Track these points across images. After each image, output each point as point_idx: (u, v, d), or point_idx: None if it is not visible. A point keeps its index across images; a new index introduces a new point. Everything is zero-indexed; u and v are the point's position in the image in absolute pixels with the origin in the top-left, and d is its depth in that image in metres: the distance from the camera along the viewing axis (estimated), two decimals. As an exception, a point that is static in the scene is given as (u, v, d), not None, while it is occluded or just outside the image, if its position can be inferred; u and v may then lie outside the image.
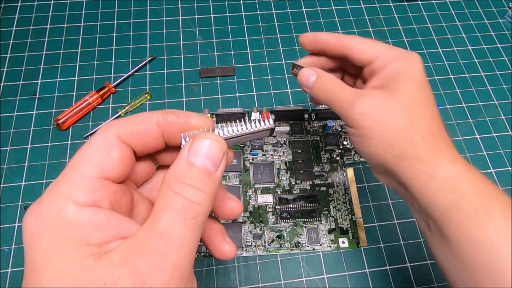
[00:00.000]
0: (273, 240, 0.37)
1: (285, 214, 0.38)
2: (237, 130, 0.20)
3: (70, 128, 0.43)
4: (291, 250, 0.37)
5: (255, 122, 0.20)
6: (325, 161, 0.42)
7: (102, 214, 0.16)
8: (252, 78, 0.47)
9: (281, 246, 0.37)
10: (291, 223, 0.38)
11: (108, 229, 0.16)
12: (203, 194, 0.17)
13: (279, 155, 0.42)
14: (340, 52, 0.28)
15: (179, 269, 0.15)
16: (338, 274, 0.36)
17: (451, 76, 0.48)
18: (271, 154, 0.42)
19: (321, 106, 0.44)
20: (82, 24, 0.50)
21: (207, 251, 0.36)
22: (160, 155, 0.21)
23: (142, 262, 0.15)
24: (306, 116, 0.44)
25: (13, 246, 0.37)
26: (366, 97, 0.25)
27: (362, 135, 0.24)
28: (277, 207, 0.38)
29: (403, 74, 0.25)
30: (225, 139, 0.19)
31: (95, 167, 0.17)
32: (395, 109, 0.24)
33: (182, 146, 0.18)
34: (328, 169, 0.41)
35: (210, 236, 0.21)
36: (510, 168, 0.42)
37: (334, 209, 0.39)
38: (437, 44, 0.51)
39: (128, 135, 0.18)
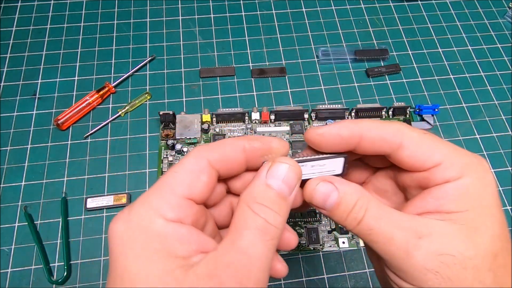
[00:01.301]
0: (273, 240, 0.37)
1: (285, 214, 0.38)
2: (311, 156, 0.20)
3: (70, 128, 0.43)
4: (291, 250, 0.37)
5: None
6: (325, 161, 0.42)
7: (185, 229, 0.17)
8: (252, 78, 0.47)
9: (281, 246, 0.37)
10: (291, 223, 0.38)
11: (189, 243, 0.17)
12: (279, 218, 0.18)
13: (279, 155, 0.42)
14: (379, 152, 0.19)
15: (260, 286, 0.16)
16: (338, 274, 0.36)
17: (451, 76, 0.48)
18: (271, 154, 0.42)
19: (321, 106, 0.44)
20: (82, 24, 0.50)
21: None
22: (231, 180, 0.22)
23: (227, 277, 0.16)
24: (306, 116, 0.44)
25: (13, 246, 0.37)
26: (431, 242, 0.17)
27: None
28: (277, 207, 0.38)
29: (479, 200, 0.17)
30: (299, 162, 0.20)
31: (185, 188, 0.18)
32: (476, 261, 0.16)
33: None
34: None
35: None
36: (510, 168, 0.42)
37: (334, 209, 0.39)
38: (437, 44, 0.51)
39: (217, 160, 0.19)
